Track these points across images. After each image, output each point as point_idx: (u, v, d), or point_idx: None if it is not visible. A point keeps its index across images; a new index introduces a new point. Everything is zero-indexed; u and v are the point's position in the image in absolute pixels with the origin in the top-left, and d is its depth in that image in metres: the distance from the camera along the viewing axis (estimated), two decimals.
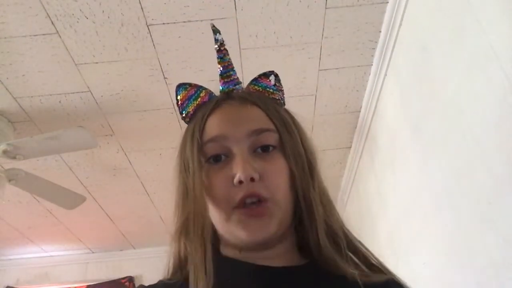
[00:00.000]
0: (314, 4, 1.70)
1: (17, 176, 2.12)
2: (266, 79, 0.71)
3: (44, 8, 1.62)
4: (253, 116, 0.64)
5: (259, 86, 0.70)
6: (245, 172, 0.57)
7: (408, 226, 1.84)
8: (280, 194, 0.60)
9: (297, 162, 0.63)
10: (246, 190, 0.58)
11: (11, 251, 3.59)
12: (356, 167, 2.61)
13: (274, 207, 0.59)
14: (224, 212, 0.60)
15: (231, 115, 0.64)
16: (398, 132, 1.90)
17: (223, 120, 0.64)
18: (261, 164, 0.60)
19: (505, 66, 1.07)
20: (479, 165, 1.23)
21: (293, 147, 0.63)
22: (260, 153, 0.62)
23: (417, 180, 1.71)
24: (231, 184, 0.59)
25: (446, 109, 1.41)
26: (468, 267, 1.32)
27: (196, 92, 0.69)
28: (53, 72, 1.91)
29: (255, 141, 0.62)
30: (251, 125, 0.62)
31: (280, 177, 0.61)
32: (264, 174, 0.59)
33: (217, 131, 0.63)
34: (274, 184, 0.60)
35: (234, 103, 0.66)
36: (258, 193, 0.58)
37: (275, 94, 0.71)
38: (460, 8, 1.26)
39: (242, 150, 0.60)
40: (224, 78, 0.70)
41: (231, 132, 0.62)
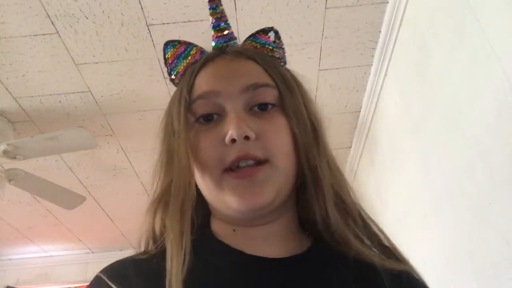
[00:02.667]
0: (314, 4, 1.70)
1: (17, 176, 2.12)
2: (264, 35, 0.63)
3: (44, 8, 1.62)
4: (248, 70, 0.56)
5: (256, 42, 0.62)
6: (238, 129, 0.50)
7: (408, 226, 1.84)
8: (279, 156, 0.52)
9: (299, 122, 0.55)
10: (239, 150, 0.50)
11: (11, 251, 3.59)
12: (356, 167, 2.61)
13: (272, 170, 0.51)
14: (213, 177, 0.52)
15: (224, 69, 0.56)
16: (398, 132, 1.90)
17: (215, 75, 0.56)
18: (258, 123, 0.52)
19: (505, 66, 1.07)
20: (479, 165, 1.23)
21: (294, 106, 0.56)
22: (257, 111, 0.54)
23: (417, 180, 1.71)
24: (223, 144, 0.51)
25: (446, 109, 1.41)
26: (468, 267, 1.32)
27: (186, 50, 0.62)
28: (53, 72, 1.91)
29: (251, 97, 0.54)
30: (246, 79, 0.55)
31: (279, 137, 0.53)
32: (261, 133, 0.52)
33: (208, 86, 0.55)
34: (273, 145, 0.52)
35: (228, 58, 0.58)
36: (254, 154, 0.51)
37: (274, 51, 0.63)
38: (460, 8, 1.26)
39: (236, 107, 0.53)
40: (216, 32, 0.62)
41: (223, 88, 0.54)
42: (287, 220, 0.57)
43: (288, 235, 0.57)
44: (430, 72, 1.51)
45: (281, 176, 0.52)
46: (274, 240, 0.55)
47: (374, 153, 2.27)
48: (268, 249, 0.54)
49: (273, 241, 0.55)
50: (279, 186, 0.52)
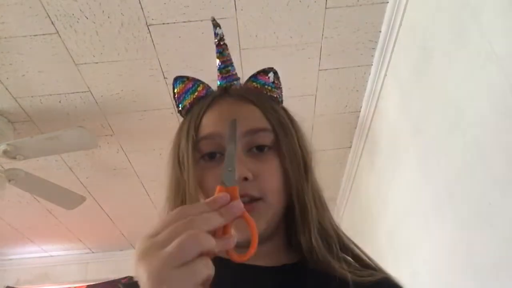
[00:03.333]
0: (314, 4, 1.70)
1: (17, 176, 2.12)
2: (264, 76, 0.70)
3: (44, 8, 1.62)
4: (249, 114, 0.63)
5: (257, 83, 0.69)
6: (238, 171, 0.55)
7: (408, 226, 1.84)
8: (272, 194, 0.60)
9: (292, 162, 0.62)
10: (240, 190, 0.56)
11: (11, 251, 3.59)
12: (356, 167, 2.61)
13: (265, 207, 0.59)
14: None
15: (227, 113, 0.63)
16: (398, 132, 1.90)
17: (219, 118, 0.63)
18: (256, 164, 0.59)
19: (505, 66, 1.07)
20: (479, 165, 1.23)
21: (288, 148, 0.62)
22: (255, 152, 0.61)
23: (417, 180, 1.71)
24: None
25: (446, 109, 1.41)
26: (468, 267, 1.32)
27: (194, 86, 0.68)
28: (53, 72, 1.91)
29: (250, 140, 0.61)
30: (247, 124, 0.61)
31: (273, 178, 0.61)
32: (258, 175, 0.59)
33: (212, 128, 0.62)
34: (267, 185, 0.59)
35: (231, 100, 0.65)
36: (250, 194, 0.58)
37: (273, 91, 0.69)
38: (460, 8, 1.26)
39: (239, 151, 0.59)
40: (222, 73, 0.69)
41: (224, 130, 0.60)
42: (276, 243, 0.64)
43: (276, 252, 0.63)
44: (430, 72, 1.51)
45: (273, 210, 0.60)
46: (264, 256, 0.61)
47: (374, 153, 2.27)
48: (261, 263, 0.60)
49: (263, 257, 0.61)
50: (269, 219, 0.60)
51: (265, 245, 0.61)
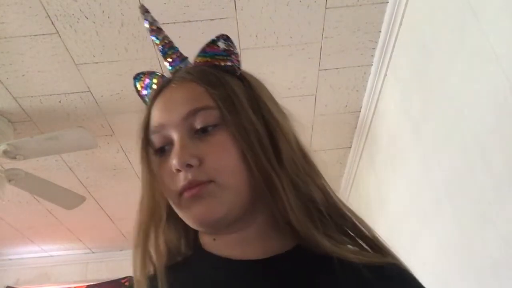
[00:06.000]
0: (314, 4, 1.70)
1: (17, 176, 2.12)
2: (213, 46, 0.63)
3: (44, 8, 1.62)
4: (188, 96, 0.58)
5: (206, 56, 0.63)
6: (178, 159, 0.54)
7: (408, 226, 1.84)
8: (224, 175, 0.55)
9: (244, 137, 0.56)
10: (184, 179, 0.55)
11: (11, 251, 3.59)
12: (356, 167, 2.61)
13: (218, 189, 0.54)
14: (174, 202, 0.57)
15: (167, 101, 0.60)
16: (398, 132, 1.90)
17: (161, 108, 0.60)
18: (202, 147, 0.55)
19: (505, 66, 1.07)
20: (479, 165, 1.23)
21: (238, 122, 0.57)
22: (200, 135, 0.57)
23: (417, 180, 1.71)
24: (173, 175, 0.56)
25: (446, 109, 1.41)
26: (468, 267, 1.32)
27: (150, 80, 0.65)
28: (53, 72, 1.91)
29: (191, 123, 0.57)
30: (185, 107, 0.57)
31: (223, 156, 0.56)
32: (203, 157, 0.55)
33: (156, 121, 0.59)
34: (216, 166, 0.55)
35: (174, 85, 0.61)
36: (197, 180, 0.54)
37: (226, 60, 0.63)
38: (460, 8, 1.26)
39: (180, 136, 0.56)
40: (166, 58, 0.65)
41: (167, 120, 0.58)
42: (263, 223, 0.59)
43: (268, 237, 0.59)
44: (430, 72, 1.51)
45: (231, 192, 0.55)
46: (253, 242, 0.58)
47: (374, 153, 2.27)
48: (247, 252, 0.57)
49: (252, 243, 0.58)
50: (230, 201, 0.55)
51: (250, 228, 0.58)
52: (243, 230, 0.58)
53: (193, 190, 0.54)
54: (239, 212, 0.56)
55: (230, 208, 0.55)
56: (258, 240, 0.59)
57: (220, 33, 0.63)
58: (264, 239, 0.59)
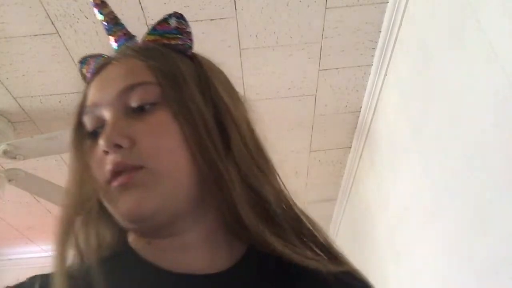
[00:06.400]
0: (314, 4, 1.70)
1: (17, 176, 2.12)
2: (164, 24, 0.58)
3: (44, 8, 1.62)
4: (125, 71, 0.52)
5: (155, 34, 0.57)
6: (106, 138, 0.46)
7: (408, 226, 1.84)
8: (160, 161, 0.47)
9: (187, 117, 0.49)
10: (112, 161, 0.47)
11: (11, 251, 3.59)
12: (356, 167, 2.61)
13: (150, 176, 0.46)
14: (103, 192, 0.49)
15: (103, 78, 0.53)
16: (398, 132, 1.90)
17: (95, 87, 0.52)
18: (137, 126, 0.48)
19: (505, 66, 1.07)
20: (479, 165, 1.23)
21: (180, 100, 0.49)
22: (137, 113, 0.49)
23: (417, 180, 1.71)
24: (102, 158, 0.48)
25: (446, 109, 1.41)
26: (468, 267, 1.32)
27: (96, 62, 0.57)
28: (53, 72, 1.91)
29: (128, 100, 0.49)
30: (121, 83, 0.50)
31: (160, 138, 0.48)
32: (136, 138, 0.47)
33: (89, 101, 0.52)
34: (150, 148, 0.47)
35: (114, 63, 0.54)
36: (125, 162, 0.46)
37: (177, 39, 0.57)
38: (460, 8, 1.26)
39: (112, 114, 0.49)
40: (111, 35, 0.58)
41: (100, 98, 0.51)
42: (209, 225, 0.51)
43: (216, 242, 0.51)
44: (430, 72, 1.51)
45: (166, 182, 0.47)
46: (197, 251, 0.50)
47: (374, 153, 2.27)
48: (192, 263, 0.49)
49: (195, 252, 0.50)
50: (165, 193, 0.47)
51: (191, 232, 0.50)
52: (185, 233, 0.49)
53: (121, 178, 0.46)
54: (179, 208, 0.48)
55: (165, 201, 0.47)
56: (203, 247, 0.50)
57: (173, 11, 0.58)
58: (210, 246, 0.50)
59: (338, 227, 3.26)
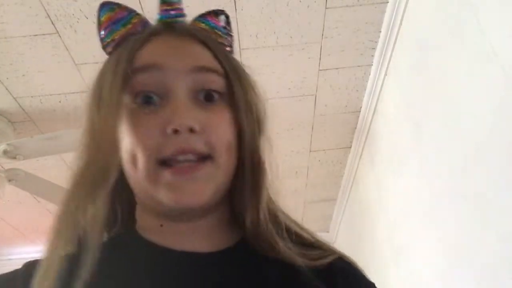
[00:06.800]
0: (314, 4, 1.70)
1: (17, 176, 2.12)
2: (214, 18, 0.56)
3: (44, 8, 1.62)
4: (198, 51, 0.50)
5: (207, 24, 0.55)
6: (184, 118, 0.44)
7: (408, 226, 1.84)
8: (222, 152, 0.48)
9: (247, 114, 0.50)
10: (181, 143, 0.45)
11: (11, 251, 3.59)
12: (356, 167, 2.61)
13: (214, 168, 0.47)
14: (147, 169, 0.46)
15: (172, 44, 0.50)
16: (398, 132, 1.90)
17: (161, 49, 0.50)
18: (204, 115, 0.47)
19: (505, 66, 1.07)
20: (479, 165, 1.23)
21: (244, 98, 0.51)
22: (203, 101, 0.48)
23: (417, 180, 1.71)
24: (162, 133, 0.45)
25: (446, 109, 1.41)
26: (468, 267, 1.32)
27: (127, 17, 0.53)
28: (53, 72, 1.91)
29: (199, 81, 0.48)
30: (196, 59, 0.49)
31: (224, 132, 0.48)
32: (206, 126, 0.47)
33: (152, 59, 0.48)
34: (217, 140, 0.47)
35: (176, 35, 0.52)
36: (197, 148, 0.46)
37: (223, 38, 0.56)
38: (460, 8, 1.26)
39: (181, 90, 0.47)
40: (165, 5, 0.55)
41: (170, 63, 0.48)
42: (218, 215, 0.53)
43: (217, 229, 0.53)
44: (430, 72, 1.51)
45: (222, 173, 0.48)
46: (203, 234, 0.51)
47: (374, 153, 2.27)
48: (196, 244, 0.50)
49: (201, 235, 0.51)
50: (218, 185, 0.48)
51: (204, 218, 0.51)
52: (200, 219, 0.51)
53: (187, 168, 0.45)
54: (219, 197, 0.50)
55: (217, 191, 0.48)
56: (208, 232, 0.51)
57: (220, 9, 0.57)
58: (212, 232, 0.52)
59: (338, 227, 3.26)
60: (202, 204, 0.47)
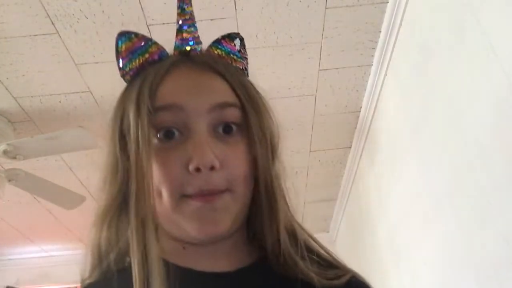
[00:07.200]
0: (314, 4, 1.70)
1: (17, 176, 2.12)
2: (230, 43, 0.58)
3: (44, 8, 1.62)
4: (216, 86, 0.52)
5: (222, 50, 0.57)
6: (205, 158, 0.47)
7: (408, 226, 1.84)
8: (240, 185, 0.50)
9: (261, 145, 0.52)
10: (203, 181, 0.48)
11: (11, 251, 3.59)
12: (356, 167, 2.61)
13: (232, 198, 0.50)
14: (171, 200, 0.49)
15: (191, 82, 0.52)
16: (398, 132, 1.90)
17: (181, 87, 0.51)
18: (223, 149, 0.49)
19: (505, 66, 1.07)
20: (479, 165, 1.23)
21: (258, 128, 0.52)
22: (221, 134, 0.50)
23: (417, 180, 1.71)
24: (185, 170, 0.48)
25: (446, 109, 1.41)
26: (468, 267, 1.32)
27: (145, 46, 0.56)
28: (53, 72, 1.91)
29: (218, 117, 0.50)
30: (215, 97, 0.51)
31: (241, 165, 0.50)
32: (224, 161, 0.49)
33: (173, 98, 0.50)
34: (235, 173, 0.50)
35: (194, 68, 0.53)
36: (217, 187, 0.48)
37: (238, 62, 0.58)
38: (460, 8, 1.27)
39: (202, 128, 0.49)
40: (182, 34, 0.57)
41: (190, 103, 0.50)
42: (237, 236, 0.55)
43: (236, 249, 0.55)
44: (430, 72, 1.51)
45: (239, 202, 0.51)
46: (222, 255, 0.54)
47: (374, 153, 2.27)
48: (216, 264, 0.52)
49: (221, 256, 0.54)
50: (237, 212, 0.51)
51: (225, 241, 0.53)
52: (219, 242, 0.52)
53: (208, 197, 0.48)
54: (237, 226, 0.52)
55: (235, 220, 0.51)
56: (230, 253, 0.54)
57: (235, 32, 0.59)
58: (233, 252, 0.54)
59: (338, 227, 3.26)
60: (223, 232, 0.50)
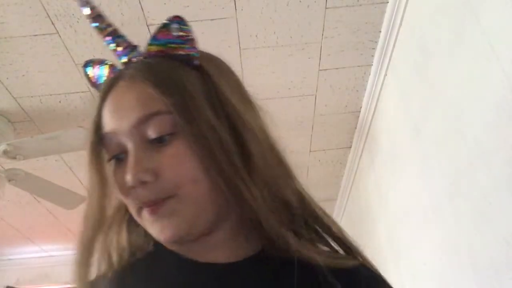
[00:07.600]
0: (314, 4, 1.70)
1: (17, 176, 2.12)
2: (166, 32, 0.55)
3: (44, 8, 1.62)
4: (137, 100, 0.51)
5: (158, 44, 0.56)
6: (132, 176, 0.49)
7: (408, 226, 1.84)
8: (185, 188, 0.50)
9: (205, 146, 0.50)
10: (140, 197, 0.50)
11: (11, 251, 3.59)
12: (356, 167, 2.61)
13: (178, 203, 0.50)
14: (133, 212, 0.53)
15: (116, 104, 0.53)
16: (398, 132, 1.90)
17: (111, 112, 0.53)
18: (157, 159, 0.50)
19: (505, 66, 1.07)
20: (479, 165, 1.23)
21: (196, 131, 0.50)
22: (156, 144, 0.51)
23: (417, 180, 1.71)
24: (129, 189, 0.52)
25: (446, 109, 1.41)
26: (468, 267, 1.32)
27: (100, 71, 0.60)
28: (53, 72, 1.91)
29: (144, 131, 0.51)
30: (135, 113, 0.51)
31: (183, 168, 0.50)
32: (160, 171, 0.50)
33: (107, 126, 0.53)
34: (175, 179, 0.50)
35: (123, 85, 0.54)
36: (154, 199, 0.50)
37: (180, 49, 0.55)
38: (460, 8, 1.27)
39: (131, 147, 0.51)
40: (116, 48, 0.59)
41: (117, 127, 0.52)
42: (231, 225, 0.55)
43: (237, 238, 0.56)
44: (430, 72, 1.51)
45: (193, 206, 0.50)
46: (222, 246, 0.55)
47: (374, 153, 2.27)
48: (217, 255, 0.55)
49: (221, 247, 0.55)
50: (193, 215, 0.51)
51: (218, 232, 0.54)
52: (213, 233, 0.54)
53: (152, 207, 0.50)
54: (205, 224, 0.52)
55: (194, 222, 0.51)
56: (226, 243, 0.55)
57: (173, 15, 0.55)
58: (231, 242, 0.56)
59: None
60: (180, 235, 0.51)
